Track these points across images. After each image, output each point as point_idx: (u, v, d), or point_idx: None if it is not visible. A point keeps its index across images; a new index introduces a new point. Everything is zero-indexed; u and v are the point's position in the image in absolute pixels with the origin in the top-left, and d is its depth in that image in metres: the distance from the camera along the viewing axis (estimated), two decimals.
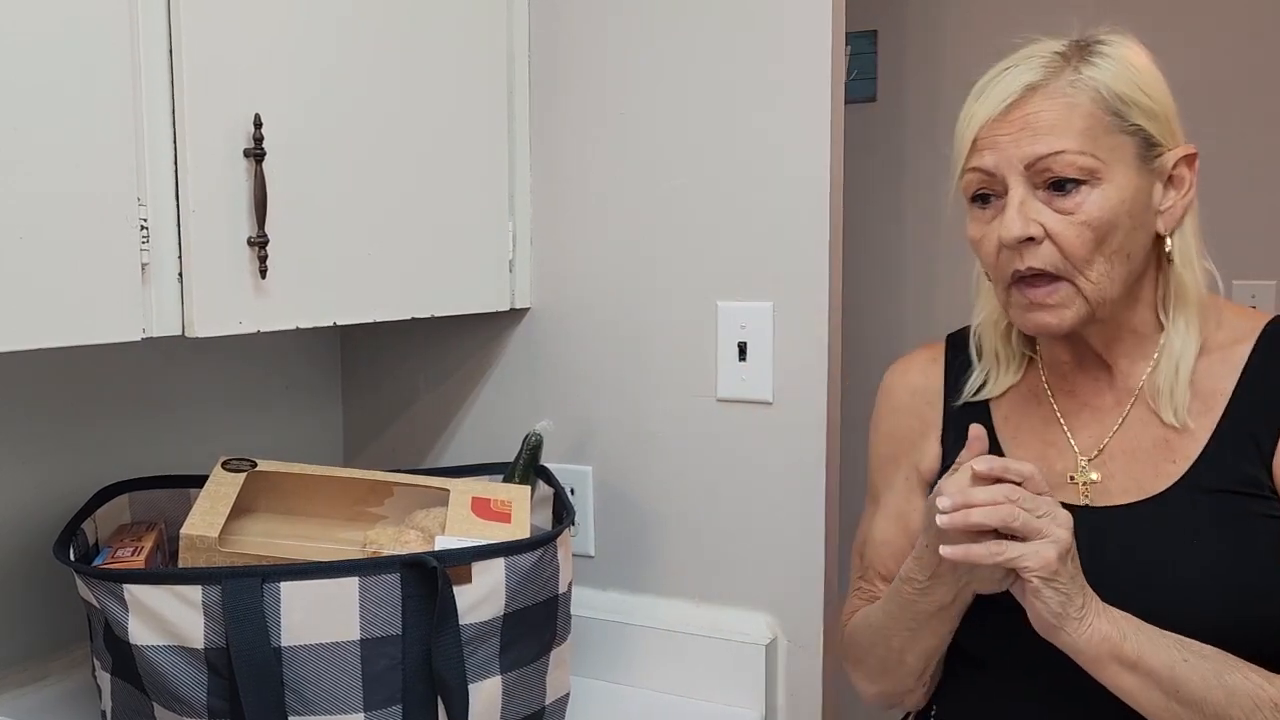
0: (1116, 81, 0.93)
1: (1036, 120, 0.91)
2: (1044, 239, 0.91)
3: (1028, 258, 0.92)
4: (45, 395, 1.29)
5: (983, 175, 0.95)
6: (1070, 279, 0.92)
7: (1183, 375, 0.95)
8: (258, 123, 1.07)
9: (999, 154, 0.93)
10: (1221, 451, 0.92)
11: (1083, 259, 0.91)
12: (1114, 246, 0.92)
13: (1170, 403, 0.95)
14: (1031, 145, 0.91)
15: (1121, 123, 0.92)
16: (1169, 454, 0.94)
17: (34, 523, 1.27)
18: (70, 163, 0.94)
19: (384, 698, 1.06)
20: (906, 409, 1.11)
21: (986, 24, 2.20)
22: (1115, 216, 0.91)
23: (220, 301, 1.07)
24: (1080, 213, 0.91)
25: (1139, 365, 0.98)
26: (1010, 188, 0.93)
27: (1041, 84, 0.93)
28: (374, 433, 1.67)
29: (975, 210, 0.97)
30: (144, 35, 1.00)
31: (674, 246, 1.40)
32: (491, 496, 1.22)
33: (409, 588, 1.06)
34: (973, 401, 1.06)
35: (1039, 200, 0.92)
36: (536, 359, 1.51)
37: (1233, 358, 0.95)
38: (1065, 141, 0.90)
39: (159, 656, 1.02)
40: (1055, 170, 0.91)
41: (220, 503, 1.13)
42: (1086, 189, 0.91)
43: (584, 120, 1.45)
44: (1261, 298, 2.03)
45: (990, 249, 0.95)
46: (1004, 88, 0.93)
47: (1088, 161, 0.91)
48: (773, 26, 1.32)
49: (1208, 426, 0.94)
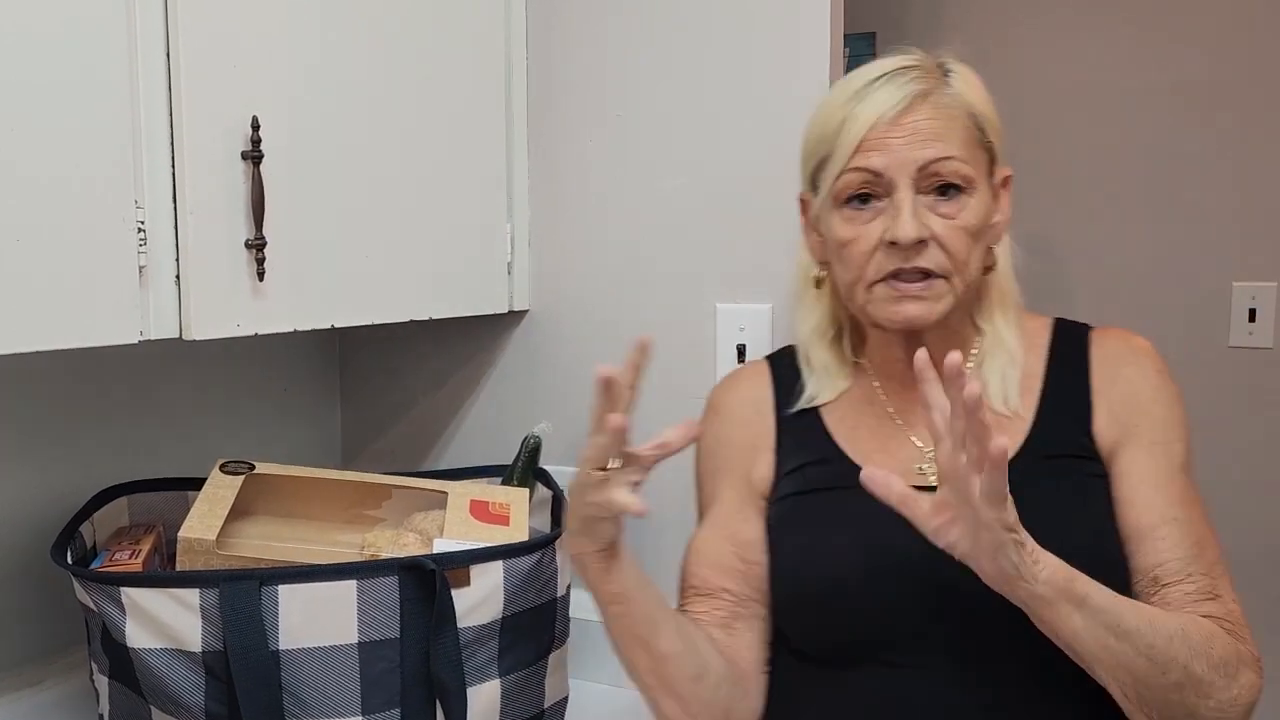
0: (975, 99, 1.00)
1: (927, 127, 0.96)
2: (930, 241, 0.96)
3: (914, 259, 0.96)
4: (43, 398, 1.29)
5: (869, 176, 0.97)
6: (948, 278, 0.97)
7: (1015, 369, 1.03)
8: (255, 125, 1.07)
9: (890, 156, 0.96)
10: (1049, 424, 1.01)
11: (962, 261, 0.97)
12: (979, 251, 0.99)
13: (1002, 392, 1.03)
14: (923, 150, 0.96)
15: (982, 137, 1.00)
16: (1003, 434, 0.98)
17: (32, 525, 1.27)
18: (67, 165, 0.94)
19: (382, 701, 1.06)
20: (737, 420, 1.11)
21: (985, 26, 2.20)
22: (981, 223, 0.98)
23: (218, 304, 1.07)
24: (959, 218, 0.97)
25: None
26: (898, 189, 0.96)
27: (927, 93, 0.97)
28: (372, 435, 1.67)
29: (849, 211, 0.99)
30: (142, 37, 1.00)
31: (672, 248, 1.40)
32: (490, 499, 1.22)
33: (407, 590, 1.06)
34: (805, 409, 1.09)
35: (924, 205, 0.96)
36: (535, 361, 1.51)
37: (1037, 346, 1.06)
38: (953, 149, 0.96)
39: (156, 660, 1.02)
40: (943, 175, 0.96)
41: (218, 505, 1.13)
42: (965, 196, 0.97)
43: (582, 122, 1.45)
44: (1262, 299, 2.02)
45: (865, 248, 0.98)
46: (891, 93, 0.97)
47: (968, 170, 0.97)
48: (771, 29, 1.32)
49: (1031, 405, 1.02)
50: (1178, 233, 2.07)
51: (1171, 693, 0.88)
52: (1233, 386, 2.04)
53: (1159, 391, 1.02)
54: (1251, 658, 0.93)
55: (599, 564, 0.93)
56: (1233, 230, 2.03)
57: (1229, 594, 0.96)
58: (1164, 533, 0.96)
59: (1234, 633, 0.93)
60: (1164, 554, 0.95)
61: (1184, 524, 0.96)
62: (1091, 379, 1.03)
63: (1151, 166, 2.08)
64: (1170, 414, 1.01)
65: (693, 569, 1.08)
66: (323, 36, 1.17)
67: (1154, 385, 1.02)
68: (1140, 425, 1.00)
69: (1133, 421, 1.00)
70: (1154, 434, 1.00)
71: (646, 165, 1.41)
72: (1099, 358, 1.04)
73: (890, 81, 0.98)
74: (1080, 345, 1.05)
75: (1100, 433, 1.01)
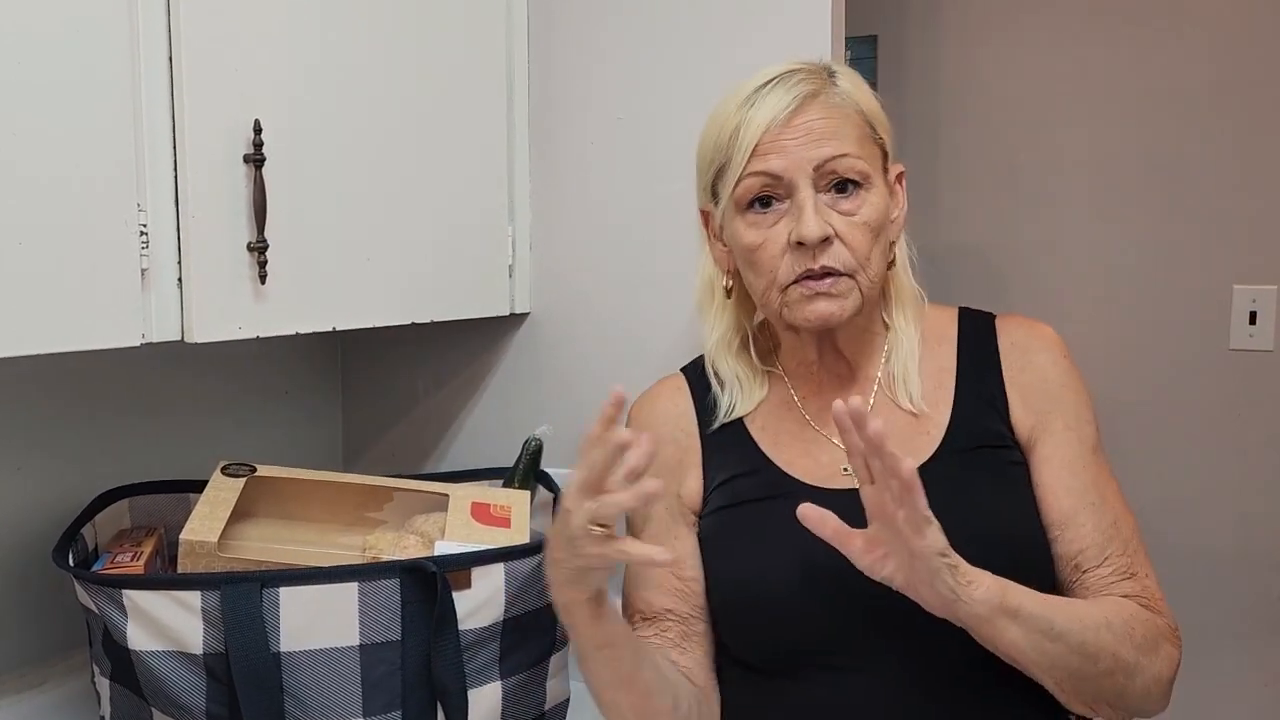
0: (864, 98, 1.02)
1: (820, 126, 0.97)
2: (833, 239, 0.97)
3: (821, 257, 0.97)
4: (45, 400, 1.29)
5: (768, 179, 0.98)
6: (853, 275, 0.98)
7: (913, 365, 1.05)
8: (257, 128, 1.07)
9: (787, 158, 0.97)
10: (965, 416, 1.02)
11: (865, 257, 0.98)
12: (881, 247, 1.01)
13: (906, 389, 1.04)
14: (819, 149, 0.97)
15: (874, 134, 1.01)
16: (921, 429, 1.03)
17: (33, 528, 1.27)
18: (69, 167, 0.94)
19: (383, 703, 1.06)
20: (664, 437, 1.08)
21: (986, 28, 2.20)
22: (882, 218, 1.00)
23: (220, 307, 1.07)
24: (859, 214, 0.98)
25: (874, 360, 1.07)
26: (798, 190, 0.97)
27: (816, 93, 0.99)
28: (374, 437, 1.67)
29: (752, 216, 1.00)
30: (143, 39, 1.00)
31: (673, 250, 1.40)
32: (491, 501, 1.22)
33: (408, 593, 1.06)
34: (726, 422, 1.09)
35: (824, 203, 0.98)
36: (536, 364, 1.51)
37: (947, 339, 1.07)
38: (847, 146, 0.98)
39: (158, 662, 1.02)
40: (840, 172, 0.97)
41: (220, 508, 1.13)
42: (864, 192, 0.99)
43: (583, 125, 1.45)
44: (1262, 302, 2.02)
45: (774, 251, 0.98)
46: (781, 96, 0.98)
47: (863, 166, 0.98)
48: (772, 31, 1.32)
49: (947, 399, 1.04)
50: (1178, 235, 2.07)
51: (1103, 679, 0.91)
52: (1233, 389, 2.04)
53: (1067, 376, 1.04)
54: (1169, 629, 0.97)
55: (589, 611, 0.91)
56: (1233, 233, 2.03)
57: (1144, 569, 0.99)
58: (1083, 518, 0.99)
59: (1150, 607, 0.97)
60: (1085, 539, 0.98)
61: (1099, 506, 0.99)
62: (1003, 369, 1.04)
63: (1152, 169, 2.08)
64: (1079, 398, 1.04)
65: (633, 594, 1.08)
66: (324, 39, 1.17)
67: (1063, 370, 1.04)
68: (1053, 412, 1.02)
69: (1045, 408, 1.02)
70: (1066, 419, 1.02)
71: (647, 168, 1.41)
72: (1007, 346, 1.05)
73: (779, 85, 0.99)
74: (987, 335, 1.07)
75: (1017, 421, 1.03)
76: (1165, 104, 2.05)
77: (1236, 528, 2.05)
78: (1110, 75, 2.10)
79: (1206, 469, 2.06)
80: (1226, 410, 2.04)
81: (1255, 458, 2.03)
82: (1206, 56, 2.02)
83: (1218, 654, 2.02)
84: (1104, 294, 2.13)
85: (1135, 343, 2.03)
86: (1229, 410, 2.04)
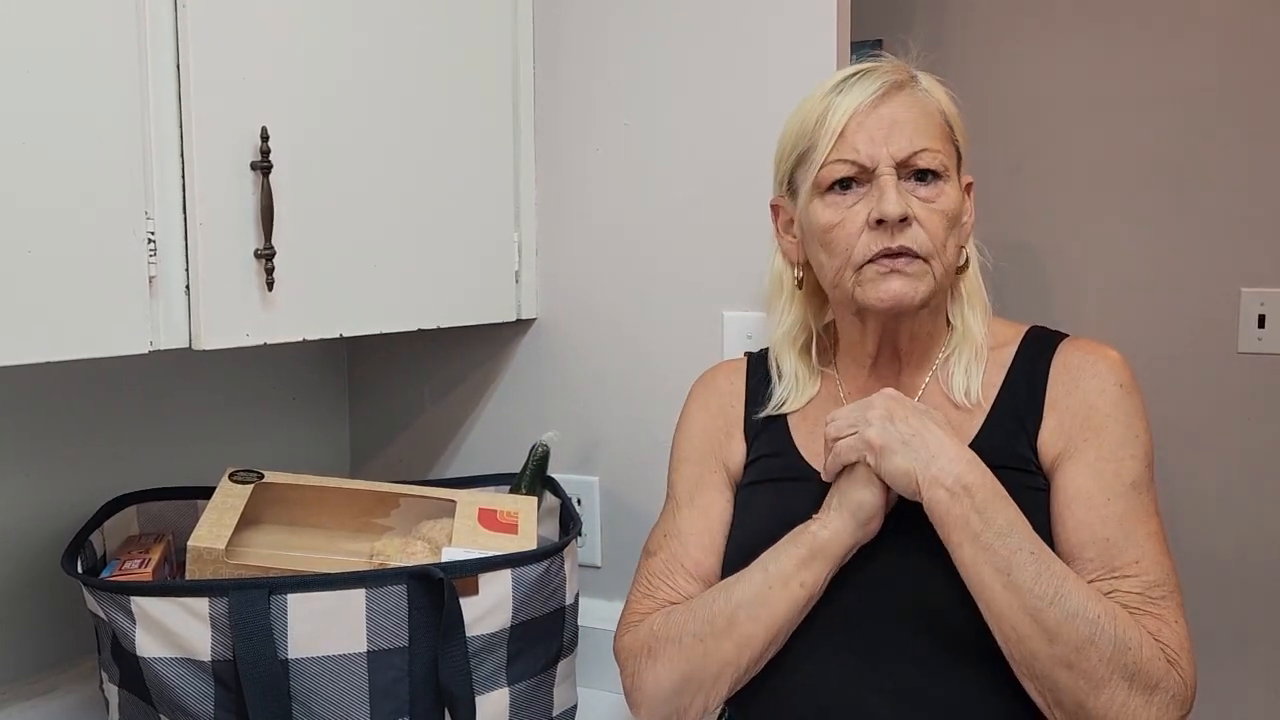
0: (945, 101, 1.05)
1: (904, 116, 1.00)
2: (912, 220, 0.99)
3: (899, 237, 0.99)
4: (53, 408, 1.29)
5: (852, 164, 1.00)
6: (928, 259, 1.00)
7: (979, 363, 1.05)
8: (265, 136, 1.08)
9: (872, 143, 0.99)
10: (993, 434, 1.02)
11: (941, 243, 1.00)
12: (956, 239, 1.03)
13: (964, 384, 1.05)
14: (902, 137, 0.99)
15: (952, 134, 1.04)
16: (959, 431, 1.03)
17: (42, 535, 1.27)
18: (78, 176, 0.95)
19: (391, 710, 1.06)
20: (715, 410, 1.16)
21: (992, 32, 2.20)
22: (958, 211, 1.02)
23: (227, 314, 1.07)
24: (938, 202, 1.00)
25: (923, 370, 1.08)
26: (880, 174, 0.99)
27: (901, 85, 1.02)
28: (381, 444, 1.67)
29: (832, 197, 1.02)
30: (151, 48, 1.00)
31: (679, 256, 1.40)
32: (498, 507, 1.22)
33: (416, 599, 1.06)
34: (772, 415, 1.12)
35: (904, 189, 1.00)
36: (543, 369, 1.51)
37: (1000, 358, 1.07)
38: (930, 138, 1.01)
39: (166, 669, 1.02)
40: (922, 162, 1.00)
41: (227, 514, 1.13)
42: (942, 183, 1.01)
43: (588, 132, 1.45)
44: (1271, 305, 2.01)
45: (852, 230, 1.00)
46: (868, 85, 1.01)
47: (943, 159, 1.01)
48: (778, 36, 1.32)
49: (979, 416, 1.04)
50: (1186, 238, 2.06)
51: (1059, 670, 0.89)
52: (1241, 392, 2.03)
53: (1116, 407, 1.00)
54: (1179, 684, 0.90)
55: (875, 527, 0.99)
56: (1242, 235, 2.02)
57: (1171, 616, 0.93)
58: (1091, 553, 0.95)
59: (1170, 659, 0.91)
60: (1087, 577, 0.94)
61: (1116, 544, 0.95)
62: (1048, 389, 1.03)
63: (1159, 171, 2.07)
64: (1127, 431, 0.99)
65: (681, 550, 1.10)
66: (331, 47, 1.17)
67: (1112, 400, 1.00)
68: (1089, 441, 0.99)
69: (1080, 436, 0.99)
70: (1102, 450, 0.98)
71: (653, 174, 1.41)
72: (1059, 368, 1.03)
73: (865, 76, 1.03)
74: (1044, 355, 1.05)
75: (1044, 445, 1.01)
76: (1172, 106, 2.04)
77: (1245, 531, 2.04)
78: (1117, 79, 2.09)
79: (1214, 472, 2.06)
80: (1234, 413, 2.04)
81: (1263, 461, 2.02)
82: (1214, 59, 2.02)
83: (1224, 659, 2.01)
84: (1111, 296, 2.12)
85: (1143, 345, 2.02)
86: (1237, 413, 2.04)
